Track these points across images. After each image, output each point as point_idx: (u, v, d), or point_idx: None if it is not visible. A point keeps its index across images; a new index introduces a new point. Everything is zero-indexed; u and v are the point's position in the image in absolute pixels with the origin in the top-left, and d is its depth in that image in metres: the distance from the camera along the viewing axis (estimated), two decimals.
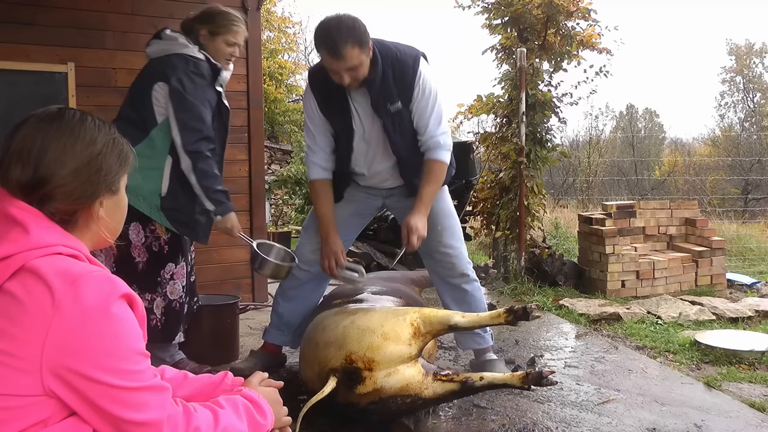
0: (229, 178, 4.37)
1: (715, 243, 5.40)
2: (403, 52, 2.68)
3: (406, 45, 2.74)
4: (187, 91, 2.62)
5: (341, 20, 2.50)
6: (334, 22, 2.49)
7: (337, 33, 2.46)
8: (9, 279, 1.08)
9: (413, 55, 2.68)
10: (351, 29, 2.48)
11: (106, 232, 1.25)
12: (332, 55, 2.49)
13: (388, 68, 2.61)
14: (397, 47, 2.69)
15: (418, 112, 2.69)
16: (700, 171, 17.47)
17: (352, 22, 2.50)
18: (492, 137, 5.95)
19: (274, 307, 3.10)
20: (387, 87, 2.63)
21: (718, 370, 3.32)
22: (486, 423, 2.52)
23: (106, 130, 1.24)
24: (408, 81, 2.64)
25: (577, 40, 5.70)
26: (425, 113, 2.69)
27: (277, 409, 1.40)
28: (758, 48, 25.75)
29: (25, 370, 1.04)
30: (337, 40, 2.46)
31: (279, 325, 3.06)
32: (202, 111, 2.66)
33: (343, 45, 2.45)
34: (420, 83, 2.65)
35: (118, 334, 1.08)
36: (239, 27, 2.81)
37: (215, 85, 2.78)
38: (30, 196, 1.15)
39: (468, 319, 2.43)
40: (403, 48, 2.70)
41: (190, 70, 2.65)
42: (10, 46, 3.67)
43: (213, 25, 2.78)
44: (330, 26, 2.49)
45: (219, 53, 2.79)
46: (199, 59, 2.71)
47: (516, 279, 5.28)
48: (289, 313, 3.04)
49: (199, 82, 2.66)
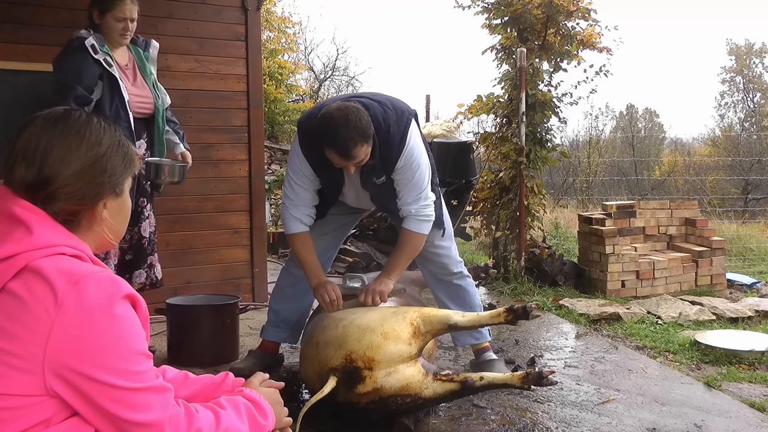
0: (229, 178, 4.40)
1: (715, 243, 5.40)
2: (392, 126, 2.61)
3: (396, 109, 2.66)
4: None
5: (348, 119, 2.43)
6: (341, 120, 2.43)
7: (346, 135, 2.42)
8: (12, 279, 1.08)
9: (401, 130, 2.63)
10: (359, 128, 2.44)
11: (109, 233, 1.25)
12: (343, 157, 2.48)
13: (376, 148, 2.58)
14: (387, 117, 2.61)
15: (398, 182, 2.71)
16: (700, 171, 17.46)
17: (357, 117, 2.45)
18: (492, 137, 5.95)
19: (271, 305, 3.13)
20: (374, 166, 2.64)
21: (718, 370, 3.32)
22: (486, 423, 2.52)
23: (111, 132, 1.24)
24: (393, 158, 2.64)
25: (577, 40, 5.70)
26: (404, 185, 2.70)
27: (278, 410, 1.41)
28: (758, 48, 25.75)
29: (27, 370, 1.04)
30: (347, 144, 2.43)
31: (276, 323, 3.08)
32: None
33: (354, 147, 2.44)
34: (402, 160, 2.64)
35: (120, 334, 1.09)
36: (124, 2, 2.95)
37: (98, 58, 2.90)
38: (34, 196, 1.15)
39: (468, 319, 2.43)
40: (393, 118, 2.62)
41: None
42: (10, 46, 3.67)
43: (100, 4, 2.95)
44: (338, 127, 2.42)
45: (111, 30, 2.96)
46: (76, 36, 2.91)
47: (516, 279, 5.28)
48: (285, 310, 3.07)
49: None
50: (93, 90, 2.87)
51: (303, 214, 2.75)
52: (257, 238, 4.51)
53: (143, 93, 3.07)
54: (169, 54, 4.08)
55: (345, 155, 2.46)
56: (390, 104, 2.67)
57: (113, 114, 2.88)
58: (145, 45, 3.18)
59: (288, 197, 2.78)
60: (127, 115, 2.94)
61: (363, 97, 2.69)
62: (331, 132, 2.45)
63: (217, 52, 4.31)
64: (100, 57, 2.88)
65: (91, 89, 2.86)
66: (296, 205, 2.75)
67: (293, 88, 16.39)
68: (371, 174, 2.68)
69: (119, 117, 2.91)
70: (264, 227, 4.63)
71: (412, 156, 2.66)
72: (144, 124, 3.10)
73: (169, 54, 4.08)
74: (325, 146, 2.50)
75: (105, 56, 2.90)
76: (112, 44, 2.99)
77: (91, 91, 2.86)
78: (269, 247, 6.35)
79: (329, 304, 2.64)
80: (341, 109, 2.48)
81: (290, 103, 16.20)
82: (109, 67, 2.90)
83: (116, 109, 2.89)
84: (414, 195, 2.69)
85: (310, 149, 2.67)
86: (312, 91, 19.82)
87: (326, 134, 2.47)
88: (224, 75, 4.35)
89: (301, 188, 2.73)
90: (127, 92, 2.96)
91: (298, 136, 2.75)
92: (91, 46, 2.86)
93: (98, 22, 2.95)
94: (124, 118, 2.93)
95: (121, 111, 2.91)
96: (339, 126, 2.42)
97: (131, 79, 3.05)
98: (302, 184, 2.73)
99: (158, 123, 3.12)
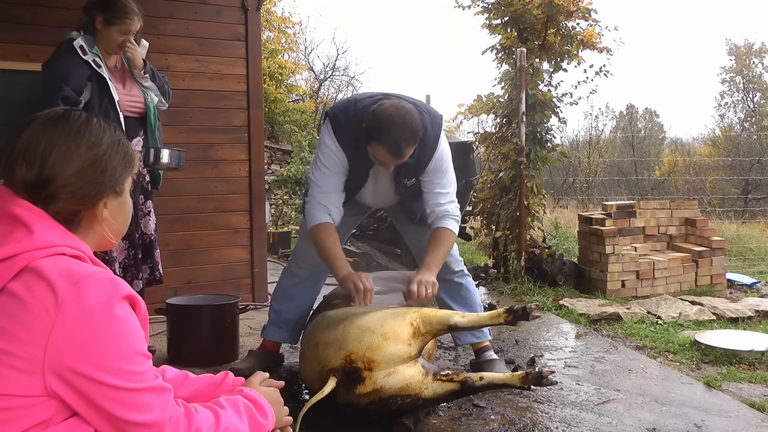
0: (229, 178, 4.40)
1: (715, 243, 5.40)
2: (429, 128, 2.64)
3: (429, 113, 2.69)
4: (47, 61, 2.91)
5: (405, 119, 2.45)
6: (398, 120, 2.44)
7: (401, 135, 2.44)
8: (12, 279, 1.08)
9: (435, 133, 2.68)
10: (413, 130, 2.46)
11: (109, 233, 1.25)
12: (393, 156, 2.50)
13: (414, 150, 2.58)
14: (424, 120, 2.61)
15: (426, 183, 2.75)
16: (700, 171, 17.47)
17: (412, 119, 2.47)
18: (492, 137, 5.95)
19: (273, 305, 3.12)
20: (408, 167, 2.68)
21: (718, 370, 3.32)
22: (486, 423, 2.52)
23: (111, 132, 1.25)
24: (426, 160, 2.68)
25: (577, 40, 5.70)
26: (435, 186, 2.74)
27: (278, 409, 1.41)
28: (758, 48, 25.76)
29: (27, 370, 1.05)
30: (401, 143, 2.46)
31: (277, 322, 3.06)
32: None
33: (406, 147, 2.47)
34: (434, 160, 2.69)
35: (120, 335, 1.09)
36: (133, 20, 2.95)
37: (87, 59, 2.89)
38: (34, 196, 1.15)
39: (468, 319, 2.43)
40: (428, 121, 2.65)
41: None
42: (10, 46, 3.67)
43: (108, 14, 2.92)
44: (395, 125, 2.44)
45: (112, 41, 2.95)
46: (66, 38, 2.90)
47: (516, 279, 5.28)
48: (287, 310, 3.06)
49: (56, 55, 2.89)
50: (82, 91, 2.86)
51: (332, 205, 2.68)
52: (257, 238, 4.52)
53: (133, 93, 3.07)
54: (169, 54, 4.09)
55: (396, 154, 2.48)
56: (423, 107, 2.71)
57: (102, 114, 2.86)
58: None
59: (316, 185, 2.68)
60: (117, 115, 2.93)
61: (400, 98, 2.67)
62: (387, 129, 2.44)
63: (217, 52, 4.32)
64: (89, 58, 2.88)
65: (79, 90, 2.85)
66: (325, 192, 2.67)
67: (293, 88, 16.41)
68: (404, 175, 2.71)
69: (108, 117, 2.90)
70: (264, 227, 4.64)
71: (443, 158, 2.72)
72: (139, 122, 3.10)
73: (169, 54, 4.09)
74: (376, 142, 2.49)
75: (94, 57, 2.90)
76: (107, 51, 2.98)
77: (80, 92, 2.85)
78: (269, 247, 6.35)
79: (361, 293, 2.51)
80: (398, 108, 2.49)
81: (290, 103, 16.21)
82: (98, 68, 2.90)
83: (105, 110, 2.89)
84: (448, 196, 2.75)
85: (344, 141, 2.65)
86: (312, 91, 19.83)
87: (381, 131, 2.46)
88: (224, 75, 4.35)
89: (333, 173, 2.67)
90: (116, 93, 2.96)
91: (331, 126, 2.68)
92: (79, 47, 2.86)
93: (100, 28, 2.94)
94: (114, 119, 2.92)
95: (111, 111, 2.90)
96: (396, 125, 2.43)
97: (121, 80, 3.05)
98: (334, 168, 2.67)
99: (150, 120, 3.12)
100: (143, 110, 3.10)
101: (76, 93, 2.83)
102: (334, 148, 2.66)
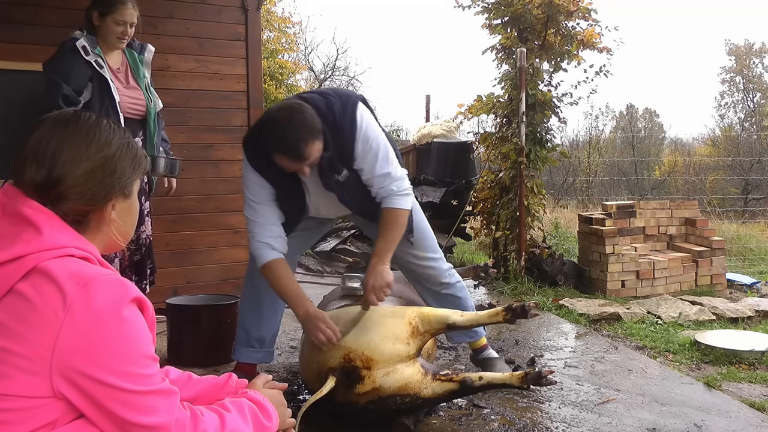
0: (229, 178, 4.40)
1: (715, 243, 5.40)
2: (338, 112, 2.43)
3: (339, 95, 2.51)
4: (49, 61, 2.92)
5: (292, 117, 2.27)
6: (284, 120, 2.27)
7: (294, 136, 2.25)
8: (21, 280, 1.08)
9: (350, 114, 2.45)
10: (305, 125, 2.27)
11: (117, 235, 1.25)
12: (295, 160, 2.30)
13: (328, 140, 2.38)
14: (331, 104, 2.44)
15: (364, 170, 2.51)
16: (700, 171, 17.45)
17: (302, 114, 2.28)
18: (492, 137, 5.95)
19: (241, 323, 2.88)
20: (332, 161, 2.45)
21: (718, 370, 3.32)
22: (486, 423, 2.52)
23: (120, 134, 1.25)
24: (348, 146, 2.45)
25: (577, 40, 5.70)
26: (371, 168, 2.50)
27: (282, 411, 1.42)
28: (758, 48, 25.75)
29: (34, 371, 1.05)
30: (298, 145, 2.26)
31: (248, 342, 2.84)
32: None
33: (304, 145, 2.26)
34: (359, 143, 2.46)
35: (128, 337, 1.09)
36: (125, 6, 2.95)
37: (89, 59, 2.89)
38: (44, 197, 1.15)
39: (467, 318, 2.44)
40: (338, 104, 2.45)
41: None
42: (10, 46, 3.67)
43: (101, 6, 2.94)
44: (283, 128, 2.26)
45: (110, 33, 2.95)
46: (69, 38, 2.90)
47: (516, 279, 5.28)
48: (258, 328, 2.84)
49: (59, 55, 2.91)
50: (82, 91, 2.86)
51: (272, 237, 2.49)
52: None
53: (135, 95, 3.06)
54: (169, 54, 4.09)
55: (297, 156, 2.28)
56: (332, 92, 2.52)
57: (103, 115, 2.87)
58: (141, 48, 3.17)
59: (251, 221, 2.52)
60: (117, 116, 2.93)
61: (303, 93, 2.58)
62: (277, 135, 2.28)
63: (217, 52, 4.32)
64: (90, 58, 2.88)
65: (80, 90, 2.85)
66: (262, 225, 2.50)
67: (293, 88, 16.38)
68: (331, 171, 2.47)
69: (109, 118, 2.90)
70: None
71: (368, 138, 2.47)
72: (139, 124, 3.09)
73: (169, 54, 4.09)
74: (275, 152, 2.32)
75: (96, 57, 2.90)
76: (108, 47, 2.98)
77: (80, 92, 2.85)
78: None
79: (324, 343, 2.31)
80: (282, 108, 2.34)
81: None
82: (99, 69, 2.90)
83: (106, 110, 2.88)
84: (388, 176, 2.51)
85: (259, 164, 2.48)
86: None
87: (272, 139, 2.31)
88: (224, 75, 4.35)
89: (262, 205, 2.51)
90: (118, 93, 2.96)
91: (244, 154, 2.52)
92: (82, 47, 2.87)
93: (97, 24, 2.95)
94: (114, 119, 2.92)
95: (111, 112, 2.90)
96: (284, 127, 2.26)
97: (123, 82, 3.05)
98: (261, 199, 2.51)
99: (150, 126, 3.11)
100: (144, 112, 3.10)
101: (76, 92, 2.83)
102: (253, 176, 2.51)
